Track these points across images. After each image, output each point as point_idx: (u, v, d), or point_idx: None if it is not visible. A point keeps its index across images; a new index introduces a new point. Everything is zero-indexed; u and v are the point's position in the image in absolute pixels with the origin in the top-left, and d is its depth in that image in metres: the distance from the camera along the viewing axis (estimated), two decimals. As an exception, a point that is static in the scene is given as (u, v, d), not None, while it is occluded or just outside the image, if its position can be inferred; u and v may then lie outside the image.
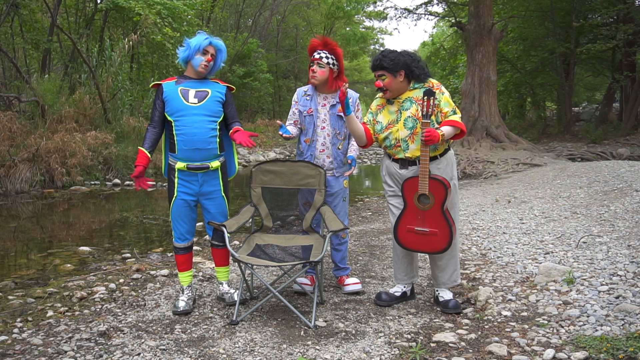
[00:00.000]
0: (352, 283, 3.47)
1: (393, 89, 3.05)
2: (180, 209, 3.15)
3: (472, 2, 14.39)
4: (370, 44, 35.28)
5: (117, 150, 10.25)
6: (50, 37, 12.04)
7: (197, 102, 3.09)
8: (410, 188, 3.02)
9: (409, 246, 3.09)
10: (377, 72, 3.05)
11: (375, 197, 8.69)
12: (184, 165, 3.08)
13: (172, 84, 3.14)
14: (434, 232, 3.00)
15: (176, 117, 3.06)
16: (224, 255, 3.34)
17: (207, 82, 3.20)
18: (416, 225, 3.04)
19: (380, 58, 3.03)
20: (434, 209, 2.99)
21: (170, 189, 3.18)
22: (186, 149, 3.06)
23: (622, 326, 2.51)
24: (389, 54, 3.03)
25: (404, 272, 3.26)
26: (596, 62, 18.68)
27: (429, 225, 3.01)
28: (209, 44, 3.11)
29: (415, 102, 3.03)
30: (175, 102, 3.07)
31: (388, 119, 3.11)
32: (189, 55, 3.11)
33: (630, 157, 12.45)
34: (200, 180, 3.14)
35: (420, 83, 3.07)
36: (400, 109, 3.06)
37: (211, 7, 17.70)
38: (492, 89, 14.40)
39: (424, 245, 3.05)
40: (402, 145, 3.05)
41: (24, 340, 2.80)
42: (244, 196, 8.40)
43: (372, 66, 3.09)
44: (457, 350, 2.54)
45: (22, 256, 4.96)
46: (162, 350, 2.62)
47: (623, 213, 4.76)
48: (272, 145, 17.93)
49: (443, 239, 3.00)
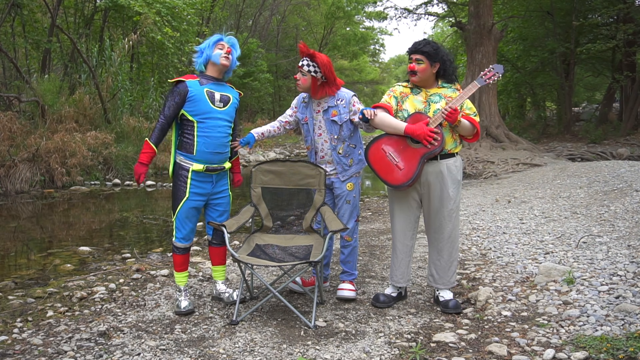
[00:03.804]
0: (346, 289, 3.35)
1: (423, 78, 3.03)
2: (190, 210, 3.14)
3: (472, 2, 14.40)
4: (370, 44, 35.27)
5: (117, 150, 10.25)
6: (50, 37, 12.04)
7: (223, 106, 3.11)
8: (416, 119, 2.99)
9: (372, 163, 3.08)
10: (415, 55, 3.01)
11: (375, 197, 8.69)
12: (202, 167, 3.08)
13: (196, 83, 3.08)
14: (399, 167, 3.01)
15: (201, 118, 3.04)
16: (221, 254, 3.35)
17: (227, 86, 3.21)
18: (392, 150, 3.03)
19: (424, 43, 3.01)
20: (418, 152, 2.98)
21: (181, 190, 3.11)
22: (207, 152, 3.06)
23: (622, 326, 2.51)
24: (433, 43, 3.04)
25: (401, 274, 3.25)
26: (596, 62, 18.70)
27: (402, 159, 3.01)
28: (221, 40, 3.12)
29: (444, 99, 3.04)
30: (202, 103, 3.04)
31: (415, 107, 3.07)
32: (207, 56, 3.10)
33: (630, 157, 12.45)
34: (214, 181, 3.18)
35: (450, 83, 3.10)
36: (428, 101, 3.06)
37: (211, 6, 17.69)
38: (492, 89, 14.41)
39: (384, 171, 3.04)
40: None
41: (24, 340, 2.80)
42: (244, 196, 8.40)
43: (413, 49, 3.04)
44: (457, 350, 2.54)
45: (22, 256, 4.96)
46: (162, 350, 2.62)
47: (623, 213, 4.76)
48: (272, 145, 17.94)
49: (402, 178, 2.99)
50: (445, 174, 3.03)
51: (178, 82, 3.09)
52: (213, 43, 3.10)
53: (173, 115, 3.07)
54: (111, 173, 10.07)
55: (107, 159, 10.10)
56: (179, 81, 3.08)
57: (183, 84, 3.05)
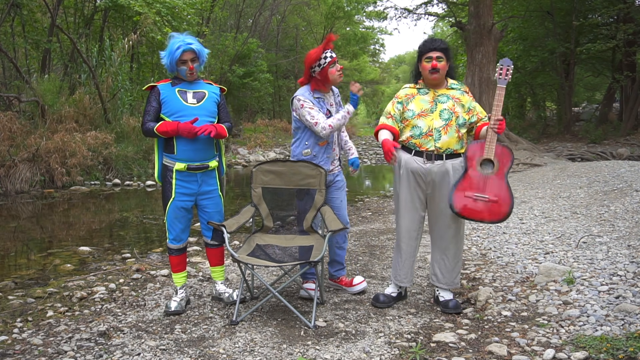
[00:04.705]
0: (359, 282, 3.49)
1: (442, 76, 3.05)
2: (178, 210, 3.14)
3: (472, 2, 14.39)
4: (370, 44, 35.25)
5: (117, 150, 10.25)
6: (50, 37, 12.04)
7: (196, 102, 3.09)
8: (473, 152, 2.98)
9: (466, 214, 2.95)
10: (436, 53, 3.00)
11: (375, 197, 8.69)
12: (184, 166, 3.07)
13: (167, 85, 3.12)
14: (493, 200, 2.92)
15: (176, 117, 3.04)
16: (218, 255, 3.34)
17: (202, 84, 3.21)
18: (475, 191, 2.94)
19: (441, 41, 3.03)
20: (497, 175, 2.94)
21: (167, 191, 3.13)
22: (187, 149, 3.05)
23: (622, 326, 2.51)
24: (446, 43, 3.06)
25: (405, 274, 3.24)
26: (596, 62, 18.68)
27: (489, 193, 2.92)
28: (181, 53, 3.01)
29: (452, 99, 3.05)
30: (174, 102, 3.06)
31: (421, 107, 3.06)
32: (173, 70, 3.10)
33: (630, 157, 12.45)
34: (199, 180, 3.14)
35: (458, 85, 3.13)
36: (436, 101, 3.06)
37: (211, 6, 17.68)
38: (492, 89, 14.39)
39: (483, 213, 2.93)
40: (434, 134, 3.01)
41: (24, 340, 2.80)
42: (244, 196, 8.40)
43: (432, 46, 3.01)
44: (457, 350, 2.54)
45: (22, 256, 4.96)
46: (162, 350, 2.62)
47: (623, 213, 4.76)
48: (272, 145, 17.94)
49: (504, 207, 2.91)
50: (450, 174, 3.03)
51: (152, 88, 3.13)
52: (175, 59, 3.02)
53: (154, 119, 3.08)
54: (111, 173, 10.07)
55: (107, 159, 10.10)
56: (152, 86, 3.13)
57: (155, 88, 3.12)
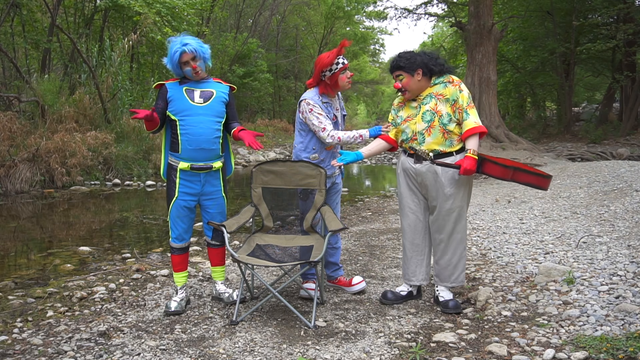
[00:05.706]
0: (358, 282, 3.49)
1: (412, 89, 3.05)
2: (181, 209, 3.15)
3: (472, 2, 14.40)
4: (370, 44, 35.25)
5: (117, 150, 10.25)
6: (50, 37, 12.04)
7: (203, 102, 3.08)
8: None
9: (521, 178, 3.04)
10: (394, 72, 3.08)
11: (375, 197, 8.69)
12: (187, 166, 3.07)
13: (175, 84, 3.12)
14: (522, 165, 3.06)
15: (181, 116, 3.04)
16: (219, 255, 3.34)
17: (211, 82, 3.19)
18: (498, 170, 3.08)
19: (397, 59, 3.06)
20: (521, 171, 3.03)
21: (171, 190, 3.15)
22: (191, 149, 3.05)
23: (622, 326, 2.51)
24: (405, 54, 3.07)
25: (412, 272, 3.25)
26: (596, 62, 18.70)
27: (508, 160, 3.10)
28: (180, 56, 3.01)
29: (435, 97, 3.04)
30: (181, 101, 3.06)
31: (408, 112, 3.12)
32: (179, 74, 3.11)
33: (630, 157, 12.45)
34: (203, 181, 3.14)
35: (441, 78, 3.08)
36: (420, 104, 3.08)
37: (211, 6, 17.68)
38: (492, 89, 14.41)
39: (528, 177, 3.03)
40: (418, 138, 3.05)
41: (24, 340, 2.80)
42: (244, 196, 8.40)
43: (390, 68, 3.13)
44: (457, 350, 2.54)
45: (22, 256, 4.96)
46: (162, 350, 2.62)
47: (623, 213, 4.76)
48: (272, 145, 17.94)
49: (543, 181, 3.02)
50: (439, 173, 3.03)
51: (160, 86, 3.14)
52: (176, 63, 3.03)
53: (161, 117, 3.08)
54: (111, 173, 10.07)
55: (107, 159, 10.10)
56: (161, 85, 3.14)
57: (163, 87, 3.13)
